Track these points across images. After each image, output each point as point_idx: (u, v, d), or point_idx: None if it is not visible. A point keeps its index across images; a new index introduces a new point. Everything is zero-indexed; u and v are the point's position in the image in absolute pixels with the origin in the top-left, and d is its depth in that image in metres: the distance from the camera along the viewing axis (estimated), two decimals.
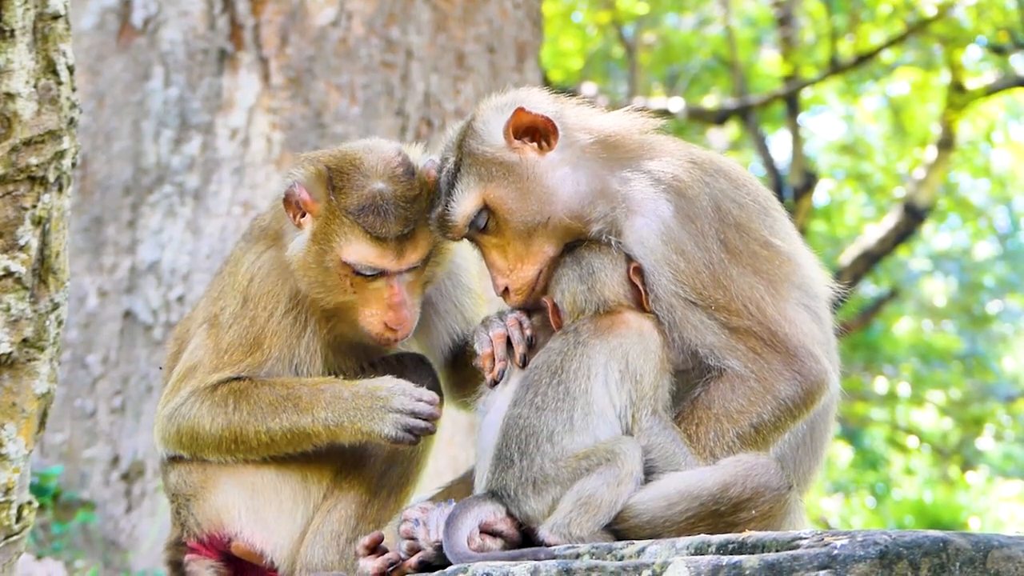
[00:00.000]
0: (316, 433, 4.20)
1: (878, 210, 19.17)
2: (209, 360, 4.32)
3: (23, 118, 3.75)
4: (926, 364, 20.40)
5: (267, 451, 4.27)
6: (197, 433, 4.28)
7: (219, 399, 4.26)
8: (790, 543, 3.25)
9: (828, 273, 4.27)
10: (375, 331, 4.27)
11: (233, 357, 4.29)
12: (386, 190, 4.20)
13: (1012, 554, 3.19)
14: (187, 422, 4.28)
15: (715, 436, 3.85)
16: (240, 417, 4.23)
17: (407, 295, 4.25)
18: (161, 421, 4.36)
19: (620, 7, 16.46)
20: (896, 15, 15.43)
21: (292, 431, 4.20)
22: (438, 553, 3.76)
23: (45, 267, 3.85)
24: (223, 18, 8.13)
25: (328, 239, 4.21)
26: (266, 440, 4.23)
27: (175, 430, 4.32)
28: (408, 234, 4.20)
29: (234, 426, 4.23)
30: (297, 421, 4.20)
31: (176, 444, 4.34)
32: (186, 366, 4.38)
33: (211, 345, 4.34)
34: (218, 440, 4.26)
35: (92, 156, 8.13)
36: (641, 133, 4.18)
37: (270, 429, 4.21)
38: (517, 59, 8.75)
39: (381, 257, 4.20)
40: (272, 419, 4.21)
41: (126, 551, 7.58)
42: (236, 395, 4.26)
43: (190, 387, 4.31)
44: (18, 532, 3.91)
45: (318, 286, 4.26)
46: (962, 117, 16.07)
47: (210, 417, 4.25)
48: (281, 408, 4.21)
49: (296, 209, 4.27)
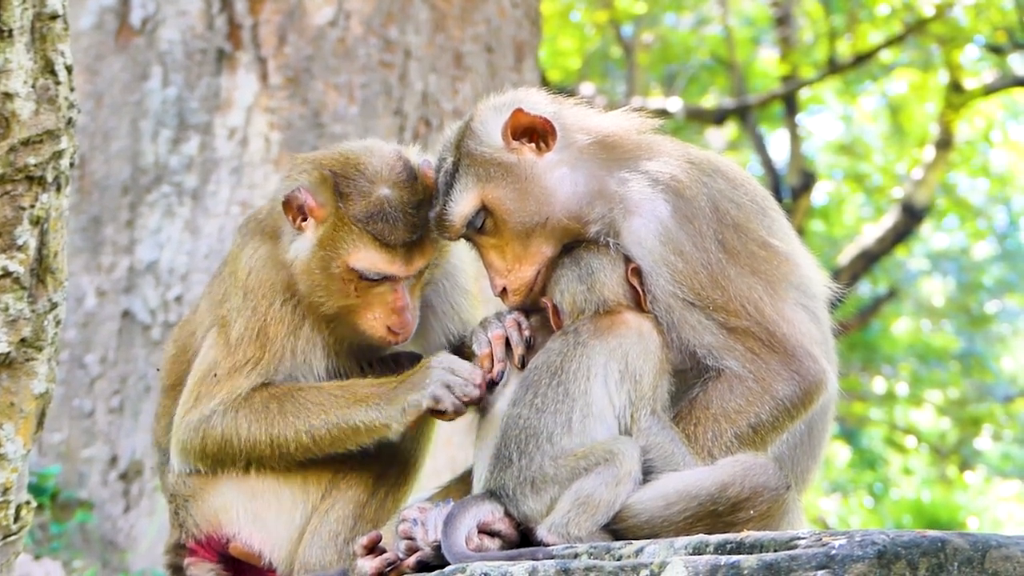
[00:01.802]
0: (368, 423, 4.15)
1: (876, 210, 19.17)
2: (223, 357, 4.29)
3: (21, 118, 3.74)
4: (924, 364, 20.41)
5: (304, 455, 4.21)
6: (231, 443, 4.21)
7: (259, 405, 4.21)
8: (788, 543, 3.25)
9: (826, 273, 4.27)
10: (377, 334, 4.27)
11: (247, 352, 4.26)
12: (393, 196, 4.19)
13: (1010, 554, 3.19)
14: (219, 432, 4.21)
15: (713, 436, 3.85)
16: (283, 419, 4.17)
17: (410, 299, 4.26)
18: (185, 432, 4.28)
19: (618, 7, 16.46)
20: (894, 15, 15.44)
21: (340, 425, 4.15)
22: (436, 553, 3.76)
23: (43, 267, 3.85)
24: (221, 18, 8.13)
25: (335, 245, 4.20)
26: (307, 442, 4.18)
27: (200, 440, 4.25)
28: (416, 240, 4.20)
29: (274, 430, 4.18)
30: (347, 413, 4.15)
31: (199, 456, 4.28)
32: (200, 371, 4.32)
33: (222, 343, 4.31)
34: (252, 448, 4.21)
35: (90, 156, 8.12)
36: (639, 133, 4.18)
37: (313, 427, 4.16)
38: (515, 59, 8.75)
39: (390, 264, 4.20)
40: (317, 416, 4.16)
41: (124, 551, 7.57)
42: (279, 399, 4.21)
43: (219, 398, 4.23)
44: (16, 532, 3.91)
45: (320, 290, 4.25)
46: (960, 117, 16.08)
47: (247, 424, 4.19)
48: (330, 404, 4.16)
49: (298, 213, 4.25)
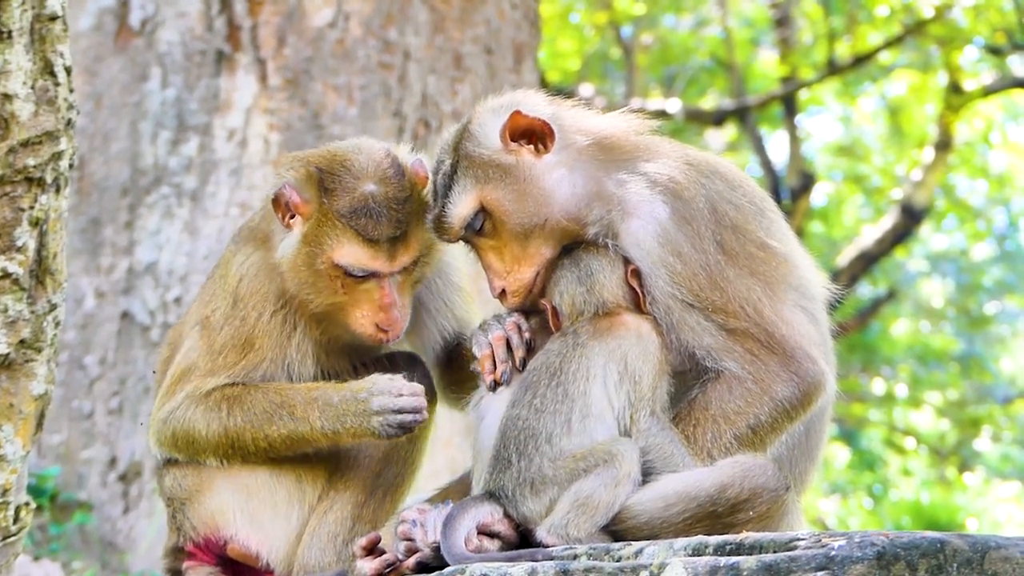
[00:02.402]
0: (315, 439, 4.21)
1: (875, 211, 19.17)
2: (204, 362, 4.31)
3: (20, 119, 3.74)
4: (924, 365, 20.41)
5: (266, 455, 4.27)
6: (193, 438, 4.28)
7: (213, 404, 4.25)
8: (788, 544, 3.26)
9: (825, 274, 4.28)
10: (366, 332, 4.27)
11: (228, 359, 4.29)
12: (377, 192, 4.20)
13: (1009, 555, 3.19)
14: (182, 426, 4.28)
15: (712, 437, 3.85)
16: (235, 423, 4.23)
17: (398, 296, 4.25)
18: (156, 424, 4.36)
19: (618, 8, 16.46)
20: (893, 16, 15.44)
21: (290, 438, 4.21)
22: (436, 554, 3.76)
23: (42, 268, 3.84)
24: (220, 19, 8.12)
25: (319, 241, 4.20)
26: (264, 446, 4.24)
27: (170, 433, 4.32)
28: (400, 236, 4.20)
29: (231, 432, 4.24)
30: (295, 428, 4.20)
31: (171, 447, 4.35)
32: (180, 368, 4.37)
33: (204, 347, 4.33)
34: (215, 445, 4.27)
35: (90, 157, 8.12)
36: (637, 134, 4.18)
37: (268, 435, 4.22)
38: (515, 60, 8.74)
39: (373, 259, 4.20)
40: (269, 426, 4.21)
41: (123, 552, 7.57)
42: (230, 401, 4.25)
43: (185, 391, 4.30)
44: (16, 533, 3.90)
45: (308, 287, 4.26)
46: (959, 118, 16.08)
47: (205, 422, 4.25)
48: (276, 416, 4.21)
49: (285, 210, 4.26)
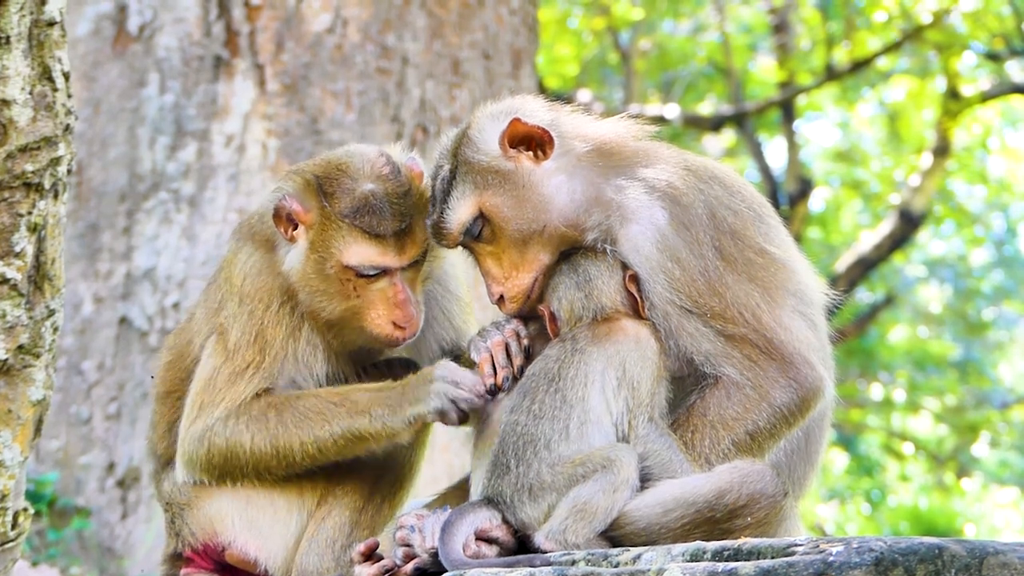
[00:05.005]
0: (374, 434, 4.14)
1: (874, 217, 19.20)
2: (222, 364, 4.27)
3: (18, 125, 3.74)
4: (922, 371, 20.43)
5: (312, 463, 4.19)
6: (236, 453, 4.19)
7: (258, 413, 4.18)
8: (786, 550, 3.25)
9: (823, 280, 4.27)
10: (384, 332, 4.24)
11: (245, 356, 4.23)
12: (377, 189, 4.20)
13: (1007, 560, 3.19)
14: (224, 442, 4.19)
15: (711, 443, 3.85)
16: (285, 430, 4.15)
17: (410, 292, 4.25)
18: (190, 443, 4.25)
19: (616, 13, 16.47)
20: (891, 22, 15.46)
21: (346, 435, 4.14)
22: (434, 560, 3.76)
23: (41, 274, 3.84)
24: (219, 24, 8.13)
25: (327, 246, 4.20)
26: (313, 451, 4.16)
27: (206, 451, 4.22)
28: (406, 229, 4.20)
29: (279, 440, 4.15)
30: (351, 424, 4.14)
31: (205, 468, 4.25)
32: (203, 380, 4.29)
33: (220, 350, 4.29)
34: (258, 458, 4.18)
35: (88, 163, 8.12)
36: (636, 140, 4.18)
37: (319, 438, 4.14)
38: (513, 66, 8.75)
39: (383, 255, 4.20)
40: (321, 428, 4.14)
41: (121, 558, 7.56)
42: (278, 408, 4.18)
43: (223, 406, 4.21)
44: (14, 539, 3.90)
45: (320, 295, 4.24)
46: (957, 124, 16.11)
47: (250, 434, 4.17)
48: (332, 414, 4.15)
49: (288, 223, 4.24)
